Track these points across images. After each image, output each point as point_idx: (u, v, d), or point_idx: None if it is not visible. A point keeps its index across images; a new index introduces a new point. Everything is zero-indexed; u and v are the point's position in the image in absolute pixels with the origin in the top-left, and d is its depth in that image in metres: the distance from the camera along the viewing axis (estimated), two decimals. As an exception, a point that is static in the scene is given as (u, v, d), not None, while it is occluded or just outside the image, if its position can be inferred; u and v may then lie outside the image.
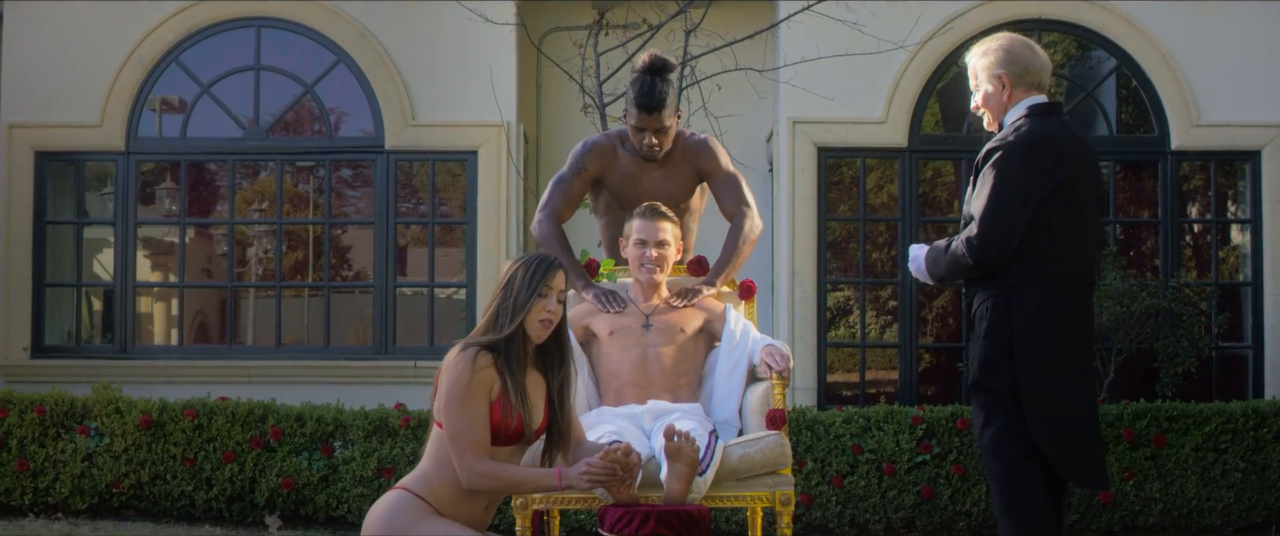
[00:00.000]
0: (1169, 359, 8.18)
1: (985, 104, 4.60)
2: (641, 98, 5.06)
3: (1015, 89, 4.53)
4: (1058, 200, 4.36)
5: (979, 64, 4.60)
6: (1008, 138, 4.40)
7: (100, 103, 9.04)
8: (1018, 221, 4.31)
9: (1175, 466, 7.31)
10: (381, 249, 9.02)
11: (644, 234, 5.05)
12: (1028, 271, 4.36)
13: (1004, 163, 4.36)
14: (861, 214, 9.04)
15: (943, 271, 4.56)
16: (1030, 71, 4.53)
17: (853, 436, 7.34)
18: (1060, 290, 4.38)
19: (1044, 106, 4.51)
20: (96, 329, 9.32)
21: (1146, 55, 8.89)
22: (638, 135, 5.14)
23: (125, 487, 7.44)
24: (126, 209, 9.08)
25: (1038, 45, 4.65)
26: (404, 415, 7.51)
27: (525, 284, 3.97)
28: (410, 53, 9.01)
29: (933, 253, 4.60)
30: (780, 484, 4.64)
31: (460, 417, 3.88)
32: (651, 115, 5.08)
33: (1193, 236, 9.24)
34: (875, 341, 9.18)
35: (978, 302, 4.47)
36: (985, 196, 4.36)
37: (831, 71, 8.48)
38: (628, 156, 5.28)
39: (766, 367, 4.82)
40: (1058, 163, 4.36)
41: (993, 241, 4.32)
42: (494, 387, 3.93)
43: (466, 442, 3.88)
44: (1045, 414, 4.32)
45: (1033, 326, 4.33)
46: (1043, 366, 4.32)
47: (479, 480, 3.88)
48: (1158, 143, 8.92)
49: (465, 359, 3.90)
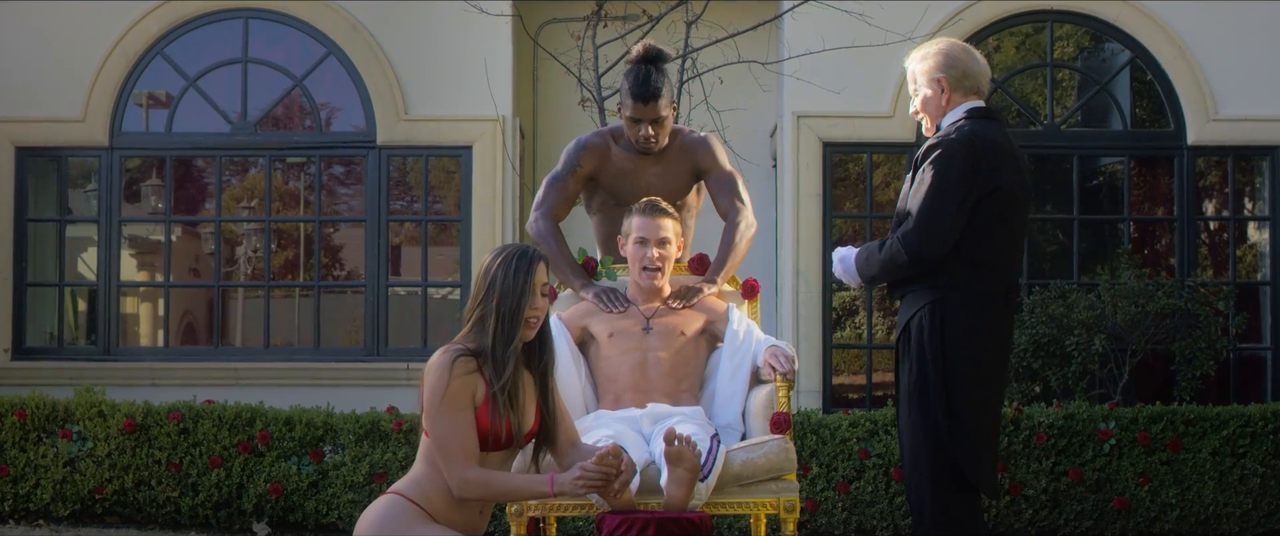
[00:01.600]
0: (1185, 360, 8.16)
1: (924, 108, 4.70)
2: (636, 87, 5.06)
3: (954, 93, 4.63)
4: (995, 204, 4.47)
5: (918, 68, 4.69)
6: (949, 136, 4.49)
7: (83, 96, 9.02)
8: (955, 220, 4.41)
9: (1192, 471, 7.27)
10: (373, 247, 9.00)
11: (644, 231, 5.01)
12: (963, 277, 4.46)
13: (944, 160, 4.45)
14: (868, 211, 9.03)
15: (875, 272, 4.64)
16: (970, 76, 4.63)
17: (859, 440, 7.30)
18: (994, 298, 4.49)
19: (983, 111, 4.61)
20: (81, 330, 9.31)
21: (1162, 47, 8.88)
22: (633, 127, 5.13)
23: (108, 493, 7.41)
24: (110, 206, 9.06)
25: (977, 51, 4.78)
26: (396, 418, 7.47)
27: (514, 285, 3.93)
28: (403, 45, 9.00)
29: (864, 253, 4.69)
30: (785, 490, 4.63)
31: (443, 425, 3.86)
32: (647, 105, 5.07)
33: (1209, 234, 9.23)
34: (882, 342, 9.15)
35: (910, 313, 4.53)
36: (923, 193, 4.45)
37: (837, 64, 8.46)
38: (622, 153, 5.26)
39: (770, 369, 4.80)
40: (997, 167, 4.47)
41: (931, 238, 4.42)
42: (478, 393, 3.90)
43: (453, 450, 3.86)
44: (972, 429, 4.46)
45: (968, 345, 4.44)
46: (976, 386, 4.46)
47: (469, 488, 3.86)
48: (1173, 138, 8.91)
49: (442, 365, 3.87)
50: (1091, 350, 7.89)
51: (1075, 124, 9.12)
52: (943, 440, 4.48)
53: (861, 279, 4.74)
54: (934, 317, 4.46)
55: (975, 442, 4.48)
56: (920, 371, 4.48)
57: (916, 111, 4.72)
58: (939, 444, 4.48)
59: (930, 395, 4.47)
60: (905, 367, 4.55)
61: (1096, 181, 9.45)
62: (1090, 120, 9.22)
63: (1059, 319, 7.98)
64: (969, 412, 4.46)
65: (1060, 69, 9.19)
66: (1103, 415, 7.31)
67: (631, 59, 5.13)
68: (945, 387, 4.44)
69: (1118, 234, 9.14)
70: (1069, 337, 7.91)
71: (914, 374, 4.50)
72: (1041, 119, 9.03)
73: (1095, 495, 7.23)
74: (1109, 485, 7.24)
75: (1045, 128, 8.99)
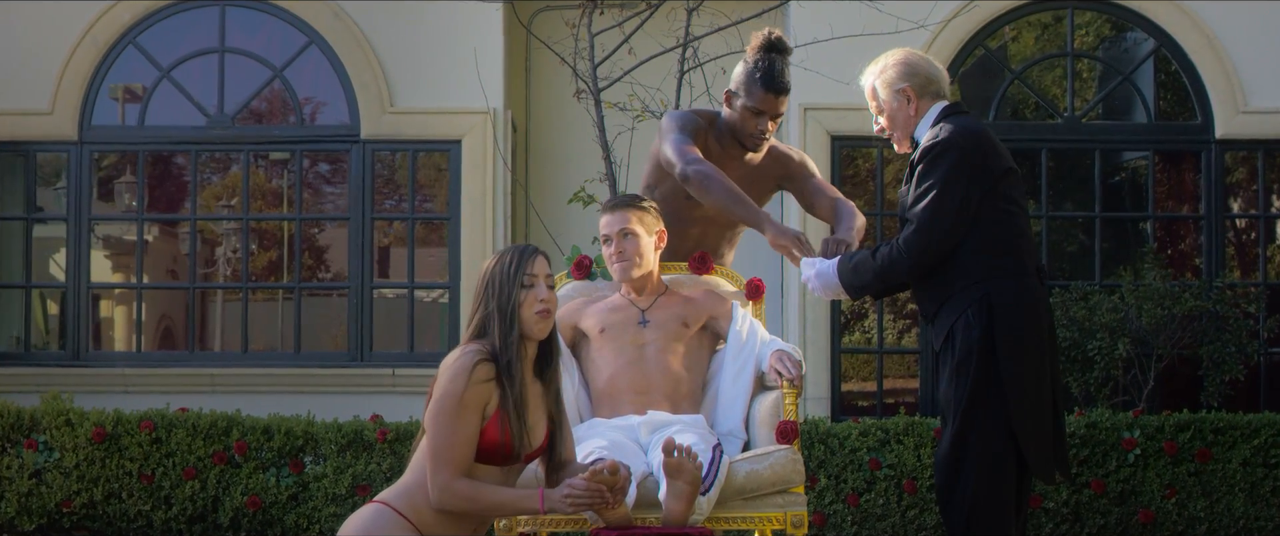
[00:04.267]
0: (1214, 365, 8.15)
1: (891, 124, 4.76)
2: (770, 79, 5.09)
3: (921, 99, 4.70)
4: (1011, 187, 4.56)
5: (878, 82, 4.76)
6: (939, 136, 4.54)
7: (51, 88, 8.97)
8: (959, 218, 4.48)
9: (1221, 482, 7.30)
10: (357, 247, 8.98)
11: (606, 228, 5.00)
12: (1004, 264, 4.52)
13: (941, 159, 4.50)
14: (878, 208, 9.00)
15: (867, 279, 4.67)
16: (934, 80, 4.72)
17: (870, 450, 7.32)
18: (1031, 275, 4.58)
19: (957, 107, 4.69)
20: (52, 334, 9.27)
21: (1188, 36, 8.84)
22: (752, 119, 5.15)
23: (77, 506, 7.41)
24: (80, 204, 9.03)
25: (932, 57, 4.87)
26: (381, 427, 7.47)
27: (506, 278, 3.89)
28: (388, 34, 8.97)
29: (849, 263, 4.71)
30: (792, 503, 4.62)
31: (445, 429, 3.83)
32: (779, 98, 5.11)
33: (1238, 232, 9.22)
34: (893, 347, 9.15)
35: (954, 317, 4.53)
36: (923, 194, 4.50)
37: (846, 53, 8.32)
38: (714, 143, 5.24)
39: (776, 375, 4.77)
40: (999, 152, 4.57)
41: (933, 238, 4.48)
42: (490, 403, 3.87)
43: (445, 457, 3.83)
44: (1034, 419, 4.49)
45: (1015, 339, 4.48)
46: (1029, 378, 4.49)
47: (451, 499, 3.82)
48: (1200, 131, 8.89)
49: (463, 367, 3.83)
50: (1115, 355, 7.87)
51: (1096, 117, 9.12)
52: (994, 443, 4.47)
53: (849, 291, 4.76)
54: (980, 313, 4.49)
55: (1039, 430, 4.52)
56: (974, 371, 4.47)
57: (882, 128, 4.79)
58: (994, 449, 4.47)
59: (986, 394, 4.46)
60: (952, 373, 4.52)
61: (1119, 177, 9.44)
62: (1112, 113, 9.22)
63: (1080, 322, 7.98)
64: (1029, 401, 4.49)
65: (1081, 59, 9.17)
66: (1127, 423, 7.35)
67: (758, 46, 5.15)
68: (1004, 379, 4.46)
69: (1141, 232, 9.13)
70: (1091, 341, 7.90)
71: (966, 376, 4.48)
72: (1061, 112, 9.02)
73: (1119, 508, 7.25)
74: (1133, 497, 7.27)
75: (1065, 121, 8.98)
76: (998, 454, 4.46)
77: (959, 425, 4.50)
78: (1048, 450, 4.55)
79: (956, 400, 4.51)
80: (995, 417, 4.46)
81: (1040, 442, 4.52)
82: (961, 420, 4.50)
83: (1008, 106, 9.11)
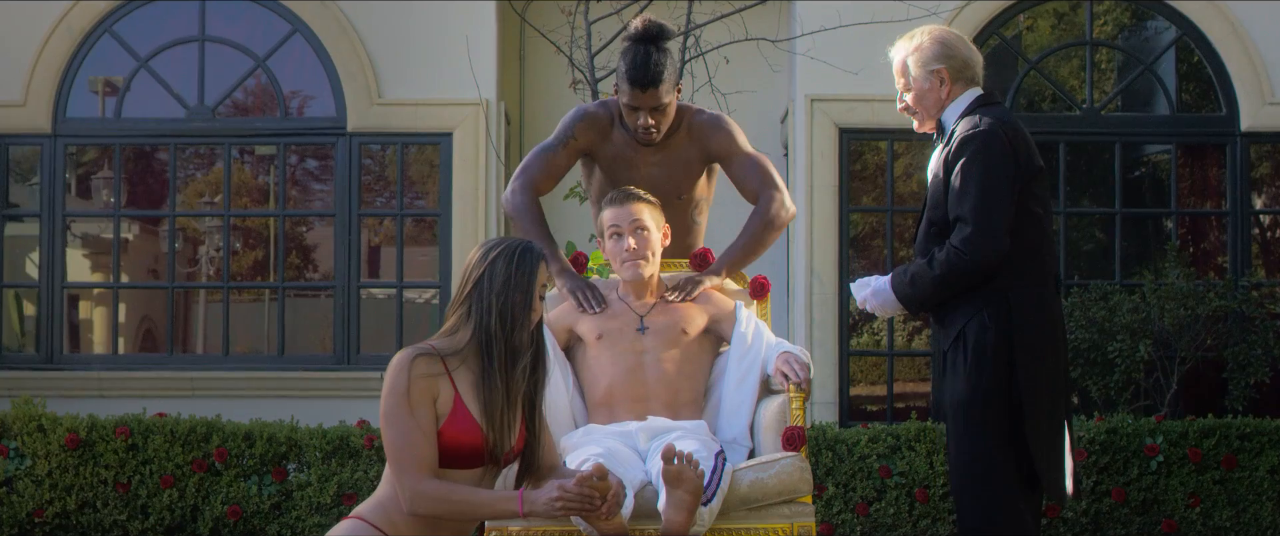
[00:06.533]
0: (1239, 368, 8.14)
1: (918, 103, 4.67)
2: (633, 71, 4.88)
3: (955, 84, 4.63)
4: (1037, 189, 4.53)
5: (911, 58, 4.67)
6: (978, 126, 4.48)
7: (23, 78, 8.93)
8: (1010, 213, 4.43)
9: (1248, 491, 7.28)
10: (343, 244, 8.96)
11: (618, 221, 4.88)
12: (1023, 267, 4.47)
13: (984, 151, 4.45)
14: (888, 204, 8.99)
15: (928, 291, 4.56)
16: (970, 64, 4.65)
17: (880, 457, 7.31)
18: (1048, 285, 4.54)
19: (992, 96, 4.65)
20: (28, 336, 9.24)
21: (1212, 24, 8.82)
22: (631, 115, 4.99)
23: (49, 516, 7.39)
24: (53, 199, 9.00)
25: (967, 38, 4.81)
26: (367, 433, 7.47)
27: (519, 278, 3.84)
28: (376, 22, 8.94)
29: (905, 276, 4.61)
30: (799, 514, 4.55)
31: (395, 430, 3.79)
32: (645, 92, 4.90)
33: (1263, 229, 9.22)
34: (903, 349, 9.13)
35: (965, 319, 4.49)
36: (971, 192, 4.44)
37: (855, 42, 8.40)
38: (623, 135, 5.11)
39: (783, 378, 4.71)
40: (1032, 150, 4.52)
41: (993, 237, 4.41)
42: (442, 398, 3.82)
43: (404, 459, 3.77)
44: (1047, 437, 4.47)
45: (1037, 337, 4.45)
46: (1049, 382, 4.47)
47: (422, 502, 3.76)
48: (1225, 123, 8.87)
49: (400, 364, 3.82)
50: (1136, 357, 7.85)
51: (1116, 109, 9.12)
52: (1009, 447, 4.45)
53: (909, 305, 4.65)
54: (997, 316, 4.44)
55: (1053, 445, 4.50)
56: (985, 375, 4.44)
57: (906, 107, 4.71)
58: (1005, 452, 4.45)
59: (998, 399, 4.43)
60: (960, 376, 4.49)
61: (1140, 172, 9.43)
62: (1133, 104, 9.23)
63: (1100, 323, 7.96)
64: (1043, 412, 4.46)
65: (1100, 49, 9.15)
66: (1149, 429, 7.34)
67: (628, 37, 4.96)
68: (1018, 388, 4.43)
69: (1164, 229, 9.11)
70: (1111, 343, 7.88)
71: (975, 379, 4.45)
72: (1079, 103, 9.01)
73: (1141, 517, 7.23)
74: (1156, 506, 7.26)
75: (1084, 112, 8.96)
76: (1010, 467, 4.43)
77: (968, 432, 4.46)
78: (1061, 467, 4.51)
79: (966, 403, 4.46)
80: (1005, 428, 4.42)
81: (1053, 459, 4.48)
82: (969, 425, 4.45)
83: (1024, 98, 9.09)
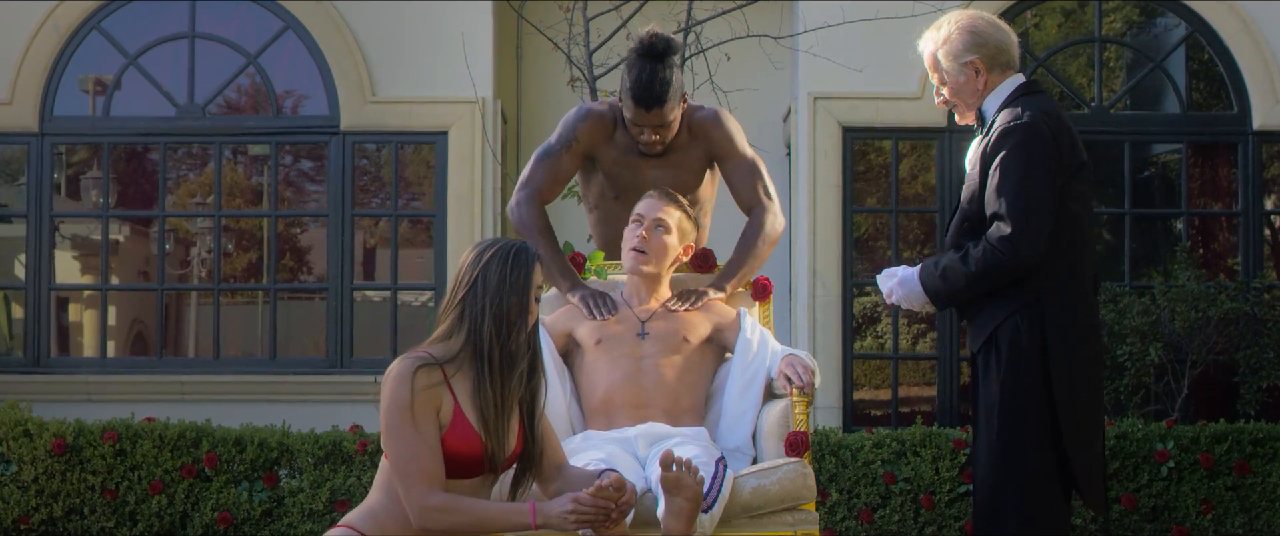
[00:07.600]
0: (1251, 372, 8.14)
1: (955, 96, 4.60)
2: (638, 89, 4.81)
3: (991, 73, 4.56)
4: (1078, 186, 4.45)
5: (941, 52, 4.58)
6: (1020, 118, 4.41)
7: (10, 75, 8.92)
8: (1051, 208, 4.35)
9: (1261, 497, 7.29)
10: (336, 245, 8.94)
11: (643, 211, 4.87)
12: (1061, 267, 4.40)
13: (1025, 145, 4.37)
14: (893, 204, 8.97)
15: (961, 285, 4.47)
16: (1003, 50, 4.56)
17: (884, 463, 7.30)
18: (1087, 285, 4.47)
19: (1034, 84, 4.59)
20: (16, 339, 9.22)
21: (1224, 20, 8.81)
22: (635, 129, 4.93)
23: (35, 522, 7.39)
24: (41, 199, 9.00)
25: (999, 19, 4.70)
26: (361, 438, 7.47)
27: (514, 281, 3.80)
28: (370, 18, 8.93)
29: (935, 269, 4.52)
30: (802, 521, 4.51)
31: (401, 444, 3.75)
32: (651, 111, 4.84)
33: (1275, 230, 9.19)
34: (908, 353, 9.12)
35: (999, 320, 4.42)
36: (1012, 186, 4.35)
37: (859, 39, 8.41)
38: (626, 138, 5.05)
39: (786, 381, 4.66)
40: (1076, 143, 4.45)
41: (1034, 233, 4.32)
42: (444, 409, 3.78)
43: (412, 474, 3.73)
44: (1086, 443, 4.40)
45: (1076, 342, 4.38)
46: (1087, 389, 4.41)
47: (431, 516, 3.72)
48: (1236, 122, 8.86)
49: (402, 375, 3.77)
50: (1146, 361, 7.85)
51: (1125, 107, 9.12)
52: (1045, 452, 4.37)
53: (937, 300, 4.56)
54: (1031, 318, 4.36)
55: (1091, 453, 4.43)
56: (1018, 379, 4.36)
57: (945, 101, 4.63)
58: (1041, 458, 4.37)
59: (1033, 404, 4.36)
60: (993, 379, 4.42)
61: (1149, 171, 9.43)
62: (1142, 103, 9.23)
63: (1110, 326, 7.94)
64: (1080, 419, 4.39)
65: (1109, 45, 9.14)
66: (1159, 434, 7.34)
67: (632, 50, 4.90)
68: (1056, 394, 4.35)
69: (1174, 230, 9.11)
70: (1121, 347, 7.87)
71: (1009, 382, 4.37)
72: (1088, 101, 9.02)
73: (1151, 524, 7.23)
74: (1167, 513, 7.25)
75: (1092, 111, 8.97)
76: (1047, 473, 4.35)
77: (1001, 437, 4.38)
78: (1100, 477, 4.45)
79: (1000, 408, 4.39)
80: (1042, 433, 4.34)
81: (1093, 468, 4.41)
82: (1002, 430, 4.38)
83: (1031, 96, 9.05)
